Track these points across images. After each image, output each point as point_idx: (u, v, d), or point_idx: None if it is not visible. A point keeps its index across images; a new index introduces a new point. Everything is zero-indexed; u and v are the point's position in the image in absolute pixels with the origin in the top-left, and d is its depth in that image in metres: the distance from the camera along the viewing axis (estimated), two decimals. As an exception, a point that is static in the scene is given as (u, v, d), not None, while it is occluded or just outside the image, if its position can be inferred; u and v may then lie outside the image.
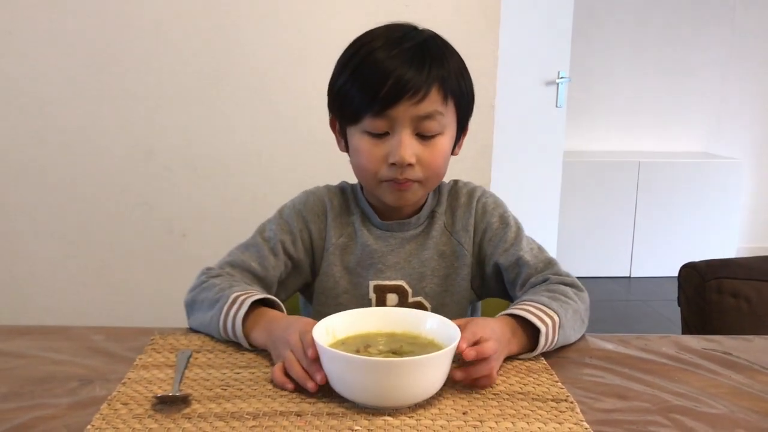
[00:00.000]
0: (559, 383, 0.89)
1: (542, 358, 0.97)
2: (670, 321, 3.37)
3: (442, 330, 0.89)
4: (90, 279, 2.09)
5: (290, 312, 1.20)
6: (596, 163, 3.98)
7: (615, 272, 4.03)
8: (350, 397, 0.82)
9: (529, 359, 0.96)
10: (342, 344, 0.89)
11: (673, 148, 4.36)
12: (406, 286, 1.15)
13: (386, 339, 0.91)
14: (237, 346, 0.99)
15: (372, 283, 1.15)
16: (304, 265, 1.17)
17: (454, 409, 0.82)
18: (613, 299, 3.70)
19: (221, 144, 2.07)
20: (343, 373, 0.81)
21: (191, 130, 2.06)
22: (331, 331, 0.89)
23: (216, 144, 2.07)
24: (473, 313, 1.24)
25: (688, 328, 1.39)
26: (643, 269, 4.03)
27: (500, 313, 0.99)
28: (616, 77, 4.24)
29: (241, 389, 0.86)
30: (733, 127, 4.38)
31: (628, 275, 4.06)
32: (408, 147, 1.02)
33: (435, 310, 1.15)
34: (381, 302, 1.15)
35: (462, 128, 1.12)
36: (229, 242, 1.17)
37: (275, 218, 1.18)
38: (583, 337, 1.06)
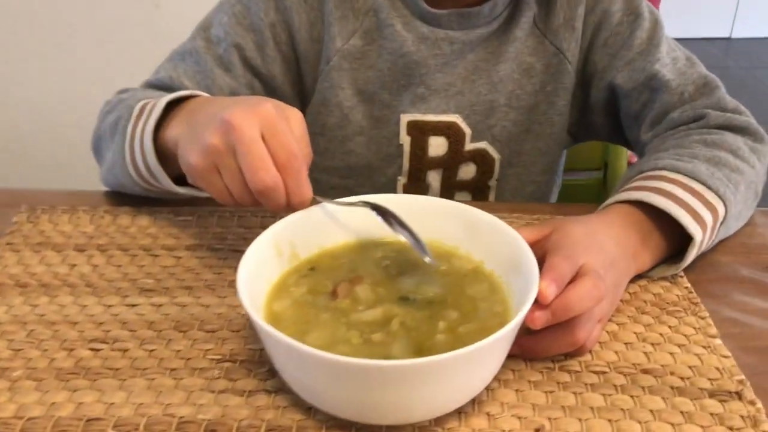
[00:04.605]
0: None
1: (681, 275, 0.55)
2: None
3: (498, 242, 0.47)
4: (49, 55, 1.75)
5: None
6: None
7: (713, 32, 3.49)
8: (332, 412, 0.42)
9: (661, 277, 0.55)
10: (310, 272, 0.47)
11: None
12: (463, 125, 0.71)
13: (389, 258, 0.49)
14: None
15: (405, 118, 0.72)
16: (281, 86, 0.71)
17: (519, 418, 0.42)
18: (709, 65, 3.17)
19: None
20: (313, 379, 0.40)
21: None
22: (287, 246, 0.47)
23: None
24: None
25: None
26: (746, 29, 3.50)
27: (620, 193, 0.56)
28: None
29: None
30: None
31: (728, 36, 3.53)
32: None
33: (506, 166, 0.74)
34: (419, 151, 0.73)
35: None
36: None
37: (228, 3, 0.69)
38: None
